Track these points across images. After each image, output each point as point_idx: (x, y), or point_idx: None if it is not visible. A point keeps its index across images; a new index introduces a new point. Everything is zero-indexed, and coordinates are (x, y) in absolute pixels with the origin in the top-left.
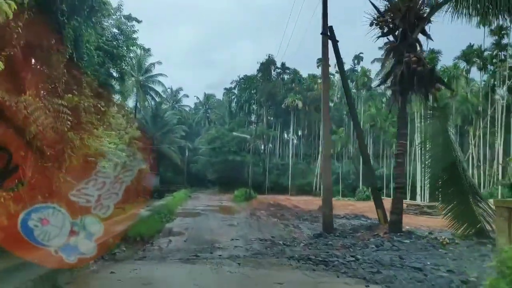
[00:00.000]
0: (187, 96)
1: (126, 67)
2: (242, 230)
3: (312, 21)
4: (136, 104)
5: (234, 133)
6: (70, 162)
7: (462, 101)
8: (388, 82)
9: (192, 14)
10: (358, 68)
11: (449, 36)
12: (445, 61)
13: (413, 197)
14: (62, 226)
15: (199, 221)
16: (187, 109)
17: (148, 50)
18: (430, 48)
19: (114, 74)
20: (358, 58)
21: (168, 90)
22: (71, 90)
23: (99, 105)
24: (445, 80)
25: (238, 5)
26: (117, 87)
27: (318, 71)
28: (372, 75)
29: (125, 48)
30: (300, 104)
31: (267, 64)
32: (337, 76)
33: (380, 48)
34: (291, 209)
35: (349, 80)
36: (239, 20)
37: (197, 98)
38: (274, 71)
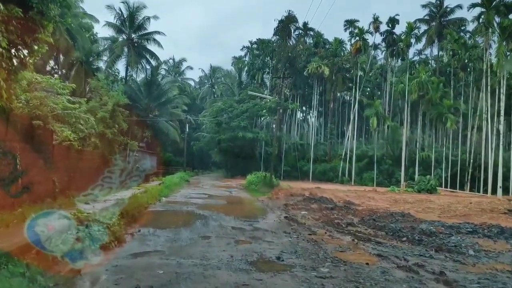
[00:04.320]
0: (191, 68)
1: None
2: None
3: None
4: (126, 67)
5: (250, 92)
6: None
7: None
8: None
9: None
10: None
11: None
12: None
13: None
14: None
15: (185, 246)
16: (191, 83)
17: None
18: None
19: None
20: (393, 21)
21: (170, 60)
22: None
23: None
24: None
25: None
26: None
27: (344, 35)
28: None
29: None
30: (326, 71)
31: (287, 23)
32: (370, 40)
33: (423, 6)
34: (349, 208)
35: (383, 44)
36: (248, 2)
37: (202, 70)
38: (294, 32)
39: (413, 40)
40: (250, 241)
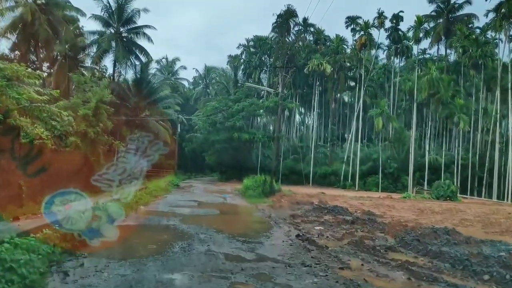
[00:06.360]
0: (185, 68)
1: None
2: None
3: None
4: (114, 62)
5: (248, 84)
6: None
7: None
8: None
9: None
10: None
11: None
12: None
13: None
14: None
15: None
16: (184, 83)
17: None
18: None
19: None
20: (397, 17)
21: (163, 60)
22: None
23: None
24: None
25: None
26: None
27: (345, 33)
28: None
29: None
30: (328, 69)
31: (286, 18)
32: (375, 37)
33: (430, 1)
34: (373, 221)
35: (387, 42)
36: (245, 4)
37: (197, 71)
38: (293, 28)
39: (420, 35)
40: (254, 285)
